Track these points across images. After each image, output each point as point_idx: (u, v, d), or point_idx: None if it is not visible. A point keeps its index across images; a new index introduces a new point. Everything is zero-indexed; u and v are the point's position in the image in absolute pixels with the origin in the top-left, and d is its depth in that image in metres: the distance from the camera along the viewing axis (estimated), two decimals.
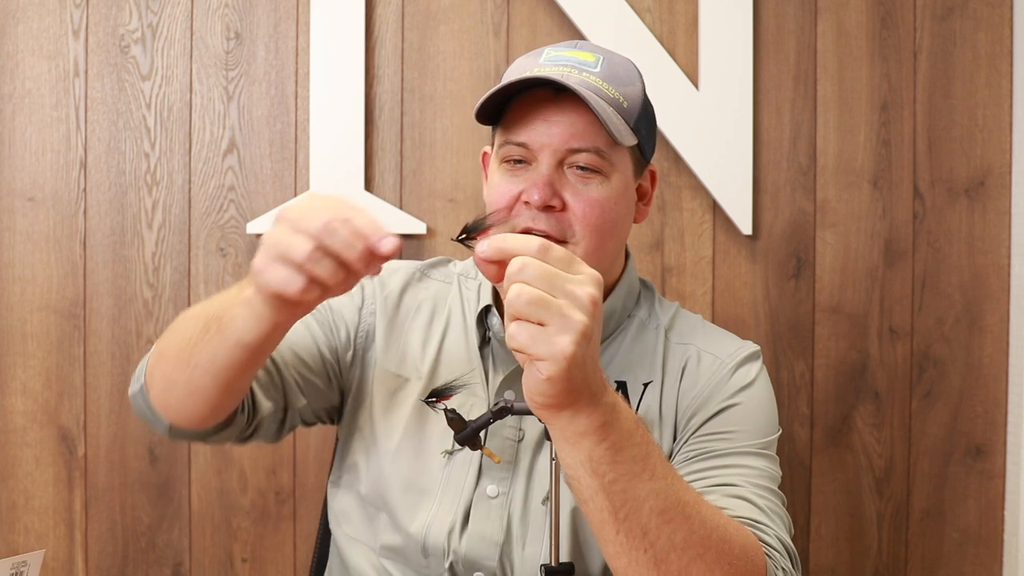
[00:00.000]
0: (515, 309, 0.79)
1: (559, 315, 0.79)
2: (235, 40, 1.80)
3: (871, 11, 1.81)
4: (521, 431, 1.18)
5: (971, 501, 1.84)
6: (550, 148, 1.11)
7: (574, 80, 1.10)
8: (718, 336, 1.24)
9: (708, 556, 0.91)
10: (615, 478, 0.87)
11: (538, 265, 0.80)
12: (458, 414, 1.10)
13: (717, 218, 1.82)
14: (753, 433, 1.13)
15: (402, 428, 1.21)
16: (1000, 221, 1.82)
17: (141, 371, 1.14)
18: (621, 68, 1.16)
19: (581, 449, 0.86)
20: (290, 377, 1.20)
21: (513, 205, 1.13)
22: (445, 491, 1.18)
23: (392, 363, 1.24)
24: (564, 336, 0.79)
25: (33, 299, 1.79)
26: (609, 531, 0.89)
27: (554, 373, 0.80)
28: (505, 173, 1.14)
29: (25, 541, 1.80)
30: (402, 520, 1.18)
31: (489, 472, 1.17)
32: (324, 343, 1.24)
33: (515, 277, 0.79)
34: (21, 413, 1.80)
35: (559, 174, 1.11)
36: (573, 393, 0.83)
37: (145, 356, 1.15)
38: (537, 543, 1.15)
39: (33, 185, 1.79)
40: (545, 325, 0.79)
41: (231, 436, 1.17)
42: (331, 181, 1.77)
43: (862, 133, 1.82)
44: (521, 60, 1.18)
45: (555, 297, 0.79)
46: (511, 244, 0.81)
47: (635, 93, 1.15)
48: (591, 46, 1.18)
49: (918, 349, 1.84)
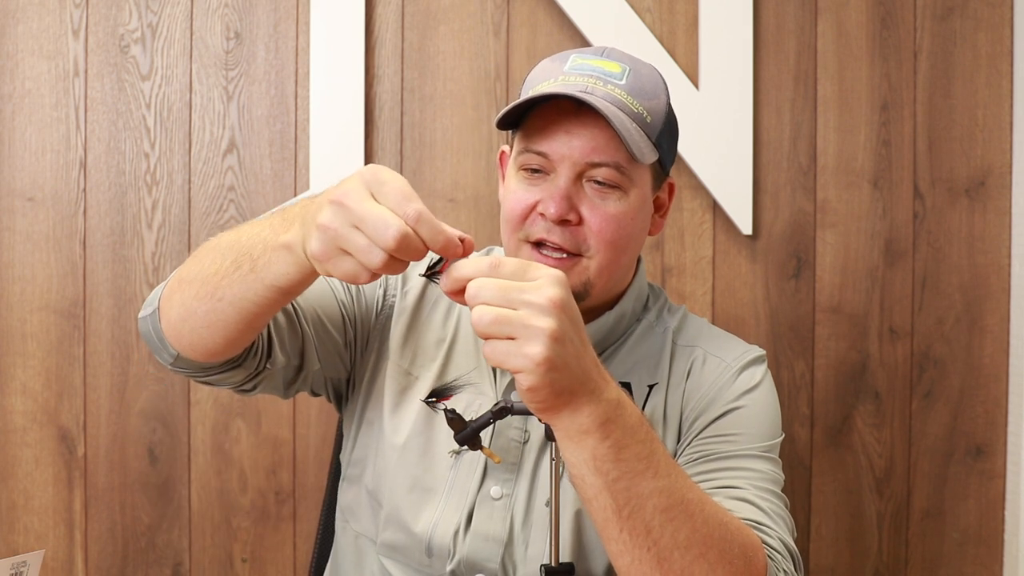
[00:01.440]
0: (482, 331, 0.81)
1: (522, 326, 0.81)
2: (235, 40, 1.80)
3: (871, 11, 1.81)
4: (526, 432, 1.18)
5: (971, 501, 1.84)
6: (570, 161, 1.10)
7: (599, 93, 1.09)
8: (724, 339, 1.24)
9: (711, 555, 0.91)
10: (618, 476, 0.87)
11: (492, 283, 0.82)
12: (458, 414, 1.10)
13: (717, 218, 1.82)
14: (756, 436, 1.13)
15: (410, 425, 1.20)
16: (1000, 221, 1.82)
17: (155, 296, 1.11)
18: (647, 80, 1.14)
19: (584, 447, 0.86)
20: (310, 333, 1.18)
21: (528, 214, 1.12)
22: (451, 491, 1.17)
23: (406, 360, 1.23)
24: (533, 345, 0.81)
25: (33, 299, 1.79)
26: (613, 529, 0.89)
27: (533, 382, 0.82)
28: (523, 181, 1.13)
29: (25, 541, 1.80)
30: (406, 519, 1.18)
31: (493, 473, 1.17)
32: (348, 309, 1.22)
33: (473, 301, 0.82)
34: (21, 413, 1.80)
35: (577, 187, 1.10)
36: (563, 394, 0.84)
37: (161, 284, 1.12)
38: (540, 545, 1.15)
39: (33, 185, 1.79)
40: (515, 339, 0.81)
41: (236, 378, 1.14)
42: (331, 181, 1.76)
43: (862, 133, 1.82)
44: (546, 64, 1.16)
45: (515, 309, 0.81)
46: (464, 271, 0.83)
47: (659, 106, 1.14)
48: (618, 54, 1.16)
49: (918, 349, 1.83)
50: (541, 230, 1.11)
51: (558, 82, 1.11)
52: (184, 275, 1.06)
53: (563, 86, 1.10)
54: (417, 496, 1.18)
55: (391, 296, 1.25)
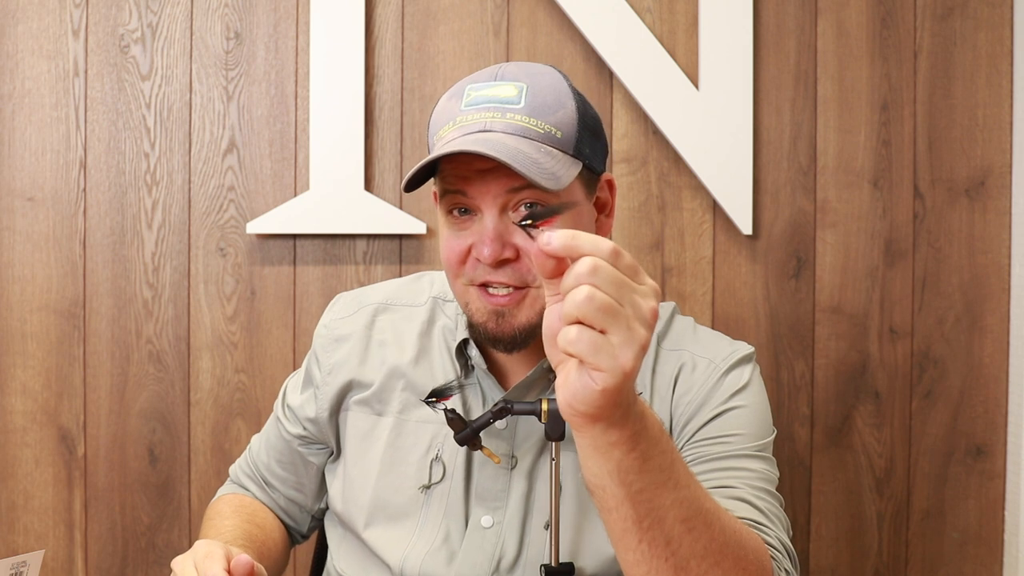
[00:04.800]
0: (583, 313, 0.74)
1: (625, 327, 0.75)
2: (235, 40, 1.80)
3: (871, 11, 1.81)
4: (514, 459, 1.16)
5: (971, 501, 1.84)
6: (490, 196, 1.05)
7: (498, 127, 1.05)
8: (710, 340, 1.22)
9: (725, 563, 0.91)
10: (642, 487, 0.85)
11: (611, 271, 0.75)
12: (457, 414, 1.10)
13: (717, 218, 1.82)
14: (749, 436, 1.13)
15: (378, 463, 1.20)
16: (1000, 221, 1.82)
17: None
18: (548, 93, 1.09)
19: (611, 459, 0.83)
20: (309, 518, 1.35)
21: (465, 259, 1.09)
22: (424, 524, 1.17)
23: (364, 406, 1.24)
24: (627, 349, 0.75)
25: (33, 299, 1.79)
26: (631, 540, 0.87)
27: (611, 385, 0.75)
28: (452, 227, 1.10)
29: (25, 541, 1.80)
30: (381, 553, 1.18)
31: (483, 502, 1.16)
32: (308, 437, 1.29)
33: (586, 279, 0.74)
34: (21, 413, 1.80)
35: (506, 222, 1.06)
36: (619, 407, 0.79)
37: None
38: (534, 569, 1.14)
39: (33, 185, 1.79)
40: (607, 334, 0.74)
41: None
42: (331, 181, 1.77)
43: (862, 133, 1.82)
44: (444, 103, 1.11)
45: (622, 307, 0.75)
46: (582, 243, 0.75)
47: (568, 117, 1.08)
48: (511, 72, 1.10)
49: (918, 349, 1.83)
50: (483, 273, 1.08)
51: (456, 125, 1.07)
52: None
53: (462, 128, 1.06)
54: (388, 529, 1.18)
55: (324, 383, 1.26)
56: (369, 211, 1.77)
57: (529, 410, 1.07)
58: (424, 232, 1.78)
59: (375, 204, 1.77)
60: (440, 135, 1.09)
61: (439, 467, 1.18)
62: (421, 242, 1.81)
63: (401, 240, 1.81)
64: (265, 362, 1.81)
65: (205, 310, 1.80)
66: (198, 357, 1.80)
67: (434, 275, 1.31)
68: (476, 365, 1.18)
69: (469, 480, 1.17)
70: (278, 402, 1.34)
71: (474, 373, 1.20)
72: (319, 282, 1.81)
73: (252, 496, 1.34)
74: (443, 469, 1.17)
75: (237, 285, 1.80)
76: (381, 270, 1.81)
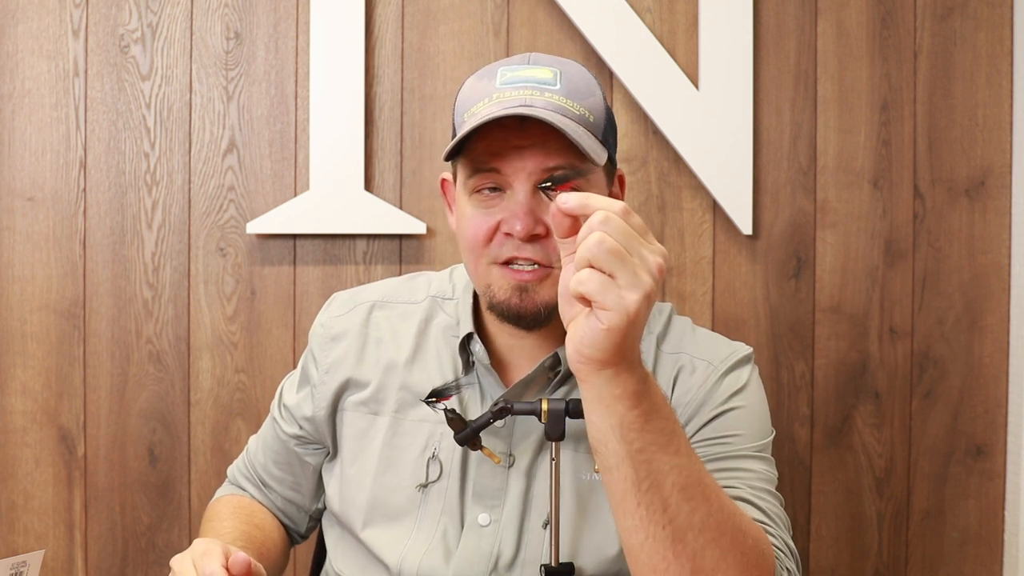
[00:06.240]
0: (593, 255, 0.81)
1: (632, 272, 0.82)
2: (235, 40, 1.80)
3: (871, 11, 1.81)
4: (511, 457, 1.16)
5: (971, 501, 1.84)
6: (525, 172, 1.06)
7: (539, 103, 1.06)
8: (708, 341, 1.22)
9: (723, 541, 0.91)
10: (642, 446, 0.88)
11: (622, 223, 0.83)
12: (457, 414, 1.10)
13: (717, 218, 1.82)
14: (749, 437, 1.13)
15: (375, 462, 1.20)
16: (1000, 221, 1.82)
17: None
18: (580, 80, 1.11)
19: (614, 412, 0.87)
20: (307, 518, 1.36)
21: (492, 236, 1.09)
22: (422, 523, 1.17)
23: (361, 406, 1.23)
24: (633, 292, 0.81)
25: (33, 299, 1.79)
26: (630, 502, 0.90)
27: (615, 324, 0.82)
28: (478, 205, 1.10)
29: (25, 541, 1.80)
30: (379, 552, 1.18)
31: (480, 501, 1.16)
32: (305, 437, 1.29)
33: (597, 227, 0.82)
34: (21, 413, 1.80)
35: (538, 199, 1.07)
36: (622, 352, 0.84)
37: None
38: (533, 567, 1.14)
39: (33, 185, 1.79)
40: (615, 278, 0.81)
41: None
42: (331, 181, 1.77)
43: (862, 133, 1.82)
44: (474, 83, 1.13)
45: (630, 255, 0.82)
46: (595, 201, 0.84)
47: (597, 104, 1.11)
48: (545, 59, 1.12)
49: (918, 349, 1.83)
50: (510, 249, 1.08)
51: (493, 101, 1.08)
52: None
53: (500, 104, 1.07)
54: (386, 529, 1.18)
55: (320, 383, 1.25)
56: (369, 211, 1.77)
57: (529, 410, 1.07)
58: (424, 232, 1.78)
59: (375, 204, 1.77)
60: (473, 111, 1.09)
61: (436, 466, 1.18)
62: (421, 242, 1.81)
63: (401, 240, 1.81)
64: (265, 362, 1.81)
65: (205, 310, 1.80)
66: (198, 357, 1.80)
67: (431, 275, 1.31)
68: (479, 360, 1.18)
69: (466, 479, 1.17)
70: (274, 403, 1.34)
71: (474, 370, 1.19)
72: (319, 282, 1.81)
73: (250, 497, 1.34)
74: (440, 468, 1.17)
75: (237, 285, 1.80)
76: (381, 270, 1.81)
